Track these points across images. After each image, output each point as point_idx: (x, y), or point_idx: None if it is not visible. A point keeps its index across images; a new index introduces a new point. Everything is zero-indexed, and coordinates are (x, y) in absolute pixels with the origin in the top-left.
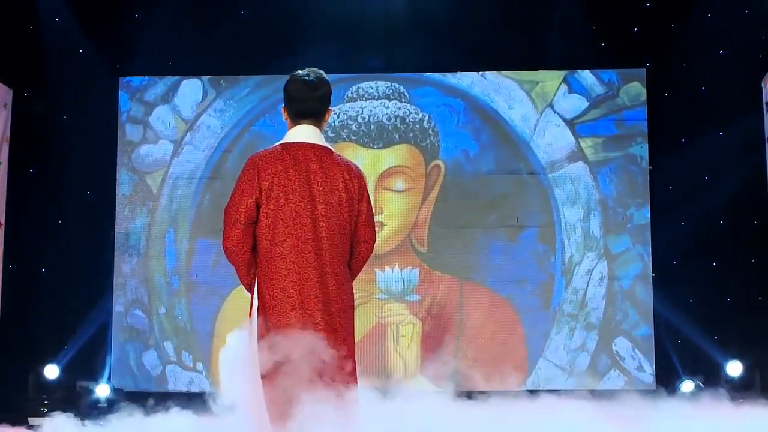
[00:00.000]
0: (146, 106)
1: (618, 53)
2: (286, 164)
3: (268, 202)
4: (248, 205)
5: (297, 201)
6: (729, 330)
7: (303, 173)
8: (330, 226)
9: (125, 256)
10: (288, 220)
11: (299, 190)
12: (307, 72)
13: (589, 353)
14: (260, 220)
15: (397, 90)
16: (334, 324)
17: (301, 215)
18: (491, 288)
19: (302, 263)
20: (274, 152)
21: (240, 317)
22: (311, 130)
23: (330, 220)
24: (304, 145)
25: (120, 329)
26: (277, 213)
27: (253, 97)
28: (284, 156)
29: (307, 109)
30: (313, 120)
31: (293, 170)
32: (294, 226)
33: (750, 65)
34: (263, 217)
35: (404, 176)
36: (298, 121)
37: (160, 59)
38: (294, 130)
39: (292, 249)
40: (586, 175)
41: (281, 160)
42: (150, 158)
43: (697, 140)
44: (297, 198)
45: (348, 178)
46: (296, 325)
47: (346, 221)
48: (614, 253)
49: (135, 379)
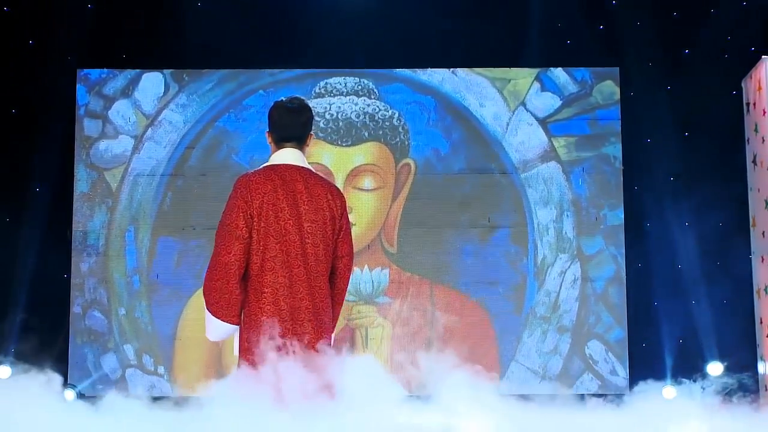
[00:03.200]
0: (105, 100)
1: (591, 51)
2: (275, 184)
3: (260, 219)
4: (242, 221)
5: (286, 219)
6: (705, 332)
7: (290, 193)
8: (315, 243)
9: (83, 255)
10: (278, 237)
11: (287, 208)
12: (290, 99)
13: (561, 357)
14: (251, 236)
15: (366, 86)
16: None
17: (290, 232)
18: (462, 290)
19: (292, 277)
20: (263, 173)
21: (202, 318)
22: (294, 153)
23: (315, 237)
24: (290, 167)
25: (77, 331)
26: (268, 230)
27: (217, 92)
28: (273, 176)
29: (290, 134)
30: (296, 144)
31: (281, 190)
32: (284, 242)
33: (726, 64)
34: (254, 234)
35: (373, 175)
36: (282, 144)
37: (119, 51)
38: (278, 153)
39: (282, 264)
40: (558, 175)
41: (270, 180)
42: (109, 154)
43: (671, 140)
44: (286, 216)
45: (330, 198)
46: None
47: (329, 239)
48: (587, 254)
49: (93, 383)
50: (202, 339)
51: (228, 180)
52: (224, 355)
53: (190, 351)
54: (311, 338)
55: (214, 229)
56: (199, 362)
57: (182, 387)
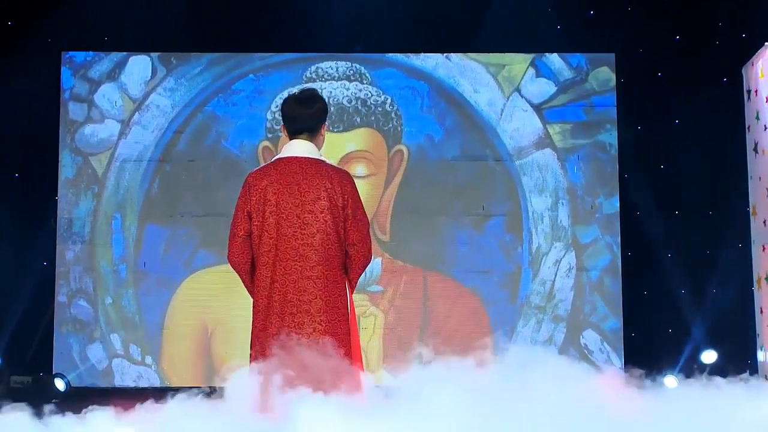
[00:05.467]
0: (91, 84)
1: (587, 36)
2: (271, 179)
3: (257, 216)
4: (242, 219)
5: (279, 213)
6: (700, 321)
7: (287, 186)
8: (312, 233)
9: (68, 243)
10: (272, 232)
11: (282, 202)
12: (300, 91)
13: (556, 346)
14: (252, 232)
15: (358, 71)
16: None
17: (283, 226)
18: (456, 279)
19: (282, 271)
20: (263, 169)
21: (191, 308)
22: (303, 144)
23: (311, 227)
24: (292, 159)
25: (63, 320)
26: (263, 225)
27: (206, 76)
28: (271, 172)
29: (299, 126)
30: (307, 135)
31: (278, 184)
32: (277, 236)
33: (725, 52)
34: (253, 230)
35: (365, 161)
36: (293, 136)
37: (105, 33)
38: (288, 145)
39: (273, 258)
40: (554, 162)
41: (267, 176)
42: (95, 139)
43: (667, 127)
44: (280, 210)
45: (330, 186)
46: (277, 328)
47: (330, 228)
48: (583, 243)
49: (79, 373)
50: (191, 328)
51: (217, 166)
52: (213, 344)
53: (178, 341)
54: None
55: (202, 216)
56: (187, 352)
57: (170, 377)
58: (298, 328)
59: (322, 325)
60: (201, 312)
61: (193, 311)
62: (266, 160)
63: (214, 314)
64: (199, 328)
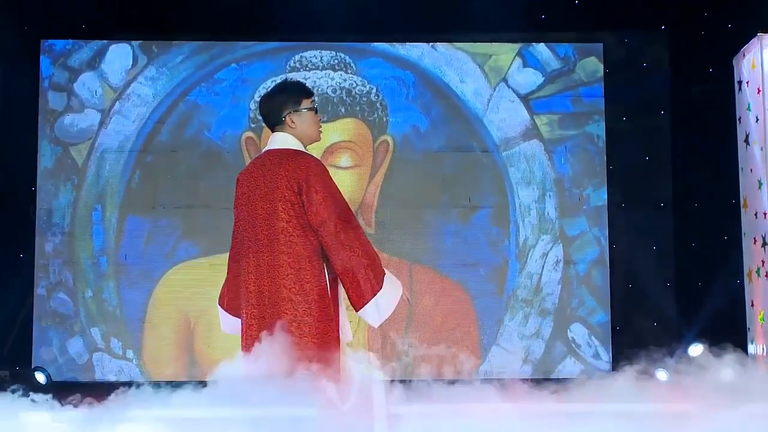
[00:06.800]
0: (70, 72)
1: (574, 26)
2: (246, 175)
3: (236, 211)
4: (233, 232)
5: (244, 209)
6: (689, 314)
7: (255, 180)
8: (271, 224)
9: (47, 234)
10: (239, 228)
11: (251, 195)
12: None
13: (544, 340)
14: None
15: (343, 60)
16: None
17: (245, 220)
18: (442, 272)
19: (244, 267)
20: (247, 166)
21: (173, 300)
22: (275, 136)
23: (270, 219)
24: (265, 153)
25: (42, 314)
26: (238, 220)
27: (188, 65)
28: (249, 167)
29: (266, 121)
30: (278, 127)
31: (251, 179)
32: (241, 232)
33: (716, 42)
34: (235, 226)
35: (350, 152)
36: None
37: (85, 21)
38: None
39: (248, 251)
40: (541, 153)
41: (244, 172)
42: (75, 128)
43: (655, 118)
44: (251, 204)
45: (287, 173)
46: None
47: (293, 216)
48: (570, 235)
49: (59, 368)
50: (173, 322)
51: (199, 156)
52: (195, 339)
53: (159, 334)
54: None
55: (184, 207)
56: (169, 346)
57: (152, 371)
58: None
59: (288, 314)
60: (183, 305)
61: (176, 304)
62: (249, 150)
63: (196, 307)
64: (181, 322)
